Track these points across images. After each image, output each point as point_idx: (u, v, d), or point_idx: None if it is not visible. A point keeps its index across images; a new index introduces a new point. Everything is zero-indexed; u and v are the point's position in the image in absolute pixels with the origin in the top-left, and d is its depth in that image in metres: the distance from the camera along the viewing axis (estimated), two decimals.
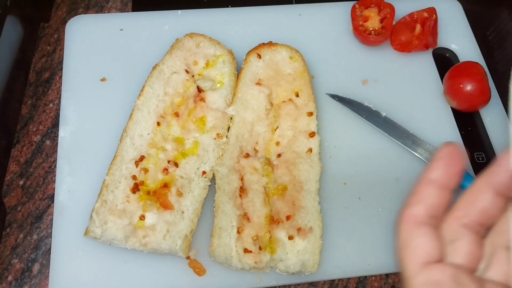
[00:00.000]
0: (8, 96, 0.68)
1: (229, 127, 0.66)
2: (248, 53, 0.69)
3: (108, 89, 0.70)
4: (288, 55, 0.69)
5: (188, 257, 0.59)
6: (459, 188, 0.56)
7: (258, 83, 0.67)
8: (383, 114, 0.71)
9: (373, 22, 0.76)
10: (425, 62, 0.77)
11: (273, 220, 0.60)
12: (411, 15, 0.77)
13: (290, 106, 0.66)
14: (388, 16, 0.75)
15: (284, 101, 0.67)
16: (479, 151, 0.71)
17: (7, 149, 0.67)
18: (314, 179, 0.63)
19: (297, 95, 0.67)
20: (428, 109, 0.73)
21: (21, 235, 0.62)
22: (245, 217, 0.59)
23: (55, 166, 0.66)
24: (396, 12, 0.76)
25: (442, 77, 0.75)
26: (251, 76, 0.68)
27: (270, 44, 0.70)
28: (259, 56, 0.69)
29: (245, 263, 0.57)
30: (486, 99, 0.71)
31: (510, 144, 0.34)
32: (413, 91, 0.74)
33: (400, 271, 0.36)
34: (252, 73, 0.68)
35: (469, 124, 0.73)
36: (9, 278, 0.60)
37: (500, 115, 0.73)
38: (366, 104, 0.72)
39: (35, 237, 0.62)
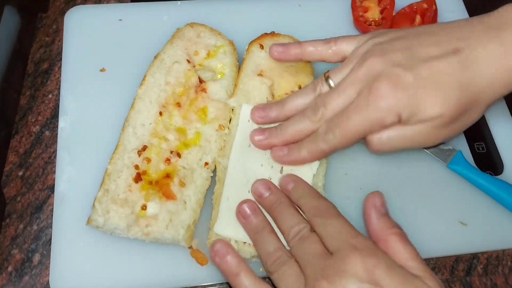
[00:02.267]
0: (6, 86, 0.67)
1: (230, 119, 0.65)
2: (251, 43, 0.69)
3: (107, 79, 0.70)
4: None
5: (190, 247, 0.59)
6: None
7: (260, 74, 0.67)
8: None
9: (373, 12, 0.76)
10: None
11: None
12: (410, 6, 0.77)
13: None
14: (388, 7, 0.76)
15: (286, 93, 0.66)
16: (479, 141, 0.71)
17: (6, 139, 0.66)
18: (321, 173, 0.62)
19: (300, 88, 0.67)
20: None
21: (21, 226, 0.62)
22: None
23: (54, 157, 0.65)
24: (395, 3, 0.76)
25: None
26: (253, 67, 0.67)
27: (272, 34, 0.69)
28: (262, 47, 0.68)
29: (245, 252, 0.57)
30: None
31: None
32: None
33: None
34: (254, 63, 0.68)
35: None
36: (9, 268, 0.59)
37: (500, 105, 0.74)
38: None
39: (35, 227, 0.62)
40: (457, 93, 0.51)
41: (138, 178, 0.59)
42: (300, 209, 0.55)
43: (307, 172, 0.61)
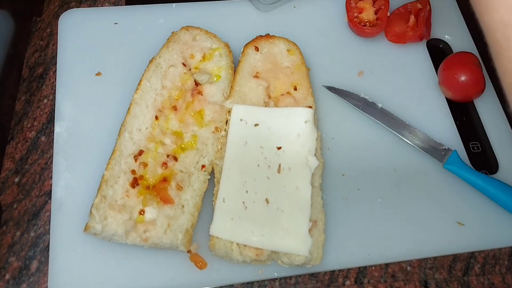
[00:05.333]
0: (1, 92, 0.67)
1: (227, 121, 0.65)
2: (246, 45, 0.69)
3: (103, 83, 0.69)
4: (286, 48, 0.69)
5: (189, 251, 0.59)
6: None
7: (256, 76, 0.67)
8: (379, 105, 0.71)
9: (368, 13, 0.76)
10: (419, 53, 0.78)
11: None
12: (405, 6, 0.77)
13: (289, 100, 0.66)
14: (383, 7, 0.76)
15: (282, 94, 0.67)
16: (474, 140, 0.72)
17: (1, 146, 0.66)
18: (317, 174, 0.62)
19: (295, 89, 0.67)
20: (424, 100, 0.74)
21: (18, 233, 0.61)
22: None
23: (51, 163, 0.65)
24: (390, 3, 0.76)
25: (436, 68, 0.76)
26: (249, 69, 0.67)
27: (267, 36, 0.69)
28: (257, 49, 0.68)
29: (246, 256, 0.57)
30: (480, 89, 0.72)
31: None
32: (408, 82, 0.75)
33: None
34: (250, 65, 0.68)
35: (464, 114, 0.74)
36: (7, 276, 0.59)
37: (494, 105, 0.74)
38: (362, 95, 0.72)
39: (32, 234, 0.61)
40: None
41: (135, 183, 0.59)
42: None
43: (305, 172, 0.61)
